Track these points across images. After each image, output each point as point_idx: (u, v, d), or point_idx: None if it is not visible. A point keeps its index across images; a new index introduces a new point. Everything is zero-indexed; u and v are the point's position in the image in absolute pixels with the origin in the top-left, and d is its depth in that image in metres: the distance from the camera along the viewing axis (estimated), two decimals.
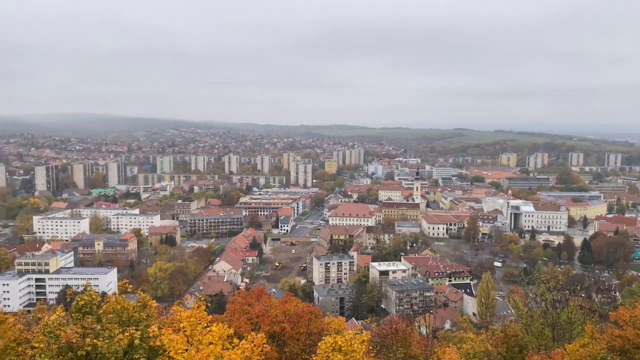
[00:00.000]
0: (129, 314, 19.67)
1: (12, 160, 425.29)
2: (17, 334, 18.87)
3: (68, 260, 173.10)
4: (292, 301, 36.79)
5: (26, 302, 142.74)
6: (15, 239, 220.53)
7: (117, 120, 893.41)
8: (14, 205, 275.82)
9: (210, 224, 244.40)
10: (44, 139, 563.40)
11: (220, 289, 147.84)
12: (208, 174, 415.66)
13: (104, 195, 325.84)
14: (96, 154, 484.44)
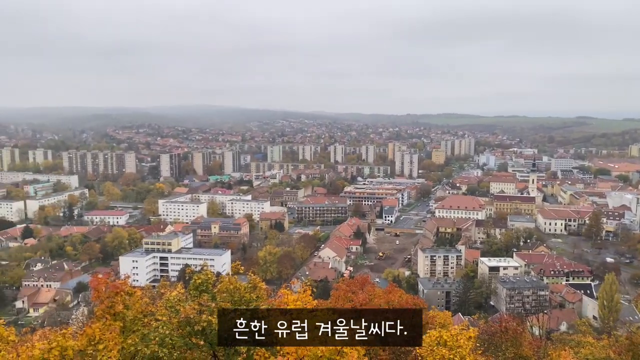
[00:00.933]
0: (240, 294, 20.82)
1: (141, 149, 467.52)
2: (143, 307, 20.78)
3: (188, 241, 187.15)
4: (396, 292, 36.55)
5: (152, 278, 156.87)
6: (144, 220, 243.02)
7: (233, 112, 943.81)
8: (142, 190, 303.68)
9: (316, 211, 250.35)
10: (168, 129, 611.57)
11: (325, 275, 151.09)
12: (315, 163, 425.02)
13: (220, 182, 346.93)
14: (213, 143, 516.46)
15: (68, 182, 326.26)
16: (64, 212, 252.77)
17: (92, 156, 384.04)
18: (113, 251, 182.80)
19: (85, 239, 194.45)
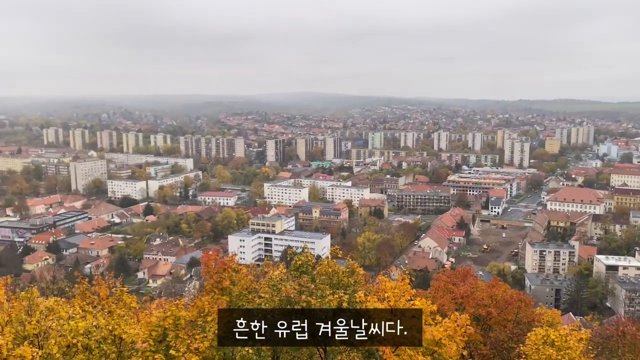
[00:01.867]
0: (338, 278, 21.15)
1: (249, 134, 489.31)
2: (248, 283, 21.90)
3: (290, 224, 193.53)
4: (500, 286, 34.99)
5: (256, 257, 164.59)
6: (250, 202, 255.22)
7: (335, 98, 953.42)
8: (250, 173, 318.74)
9: (417, 200, 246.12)
10: (274, 116, 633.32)
11: (425, 265, 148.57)
12: (417, 150, 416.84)
13: (321, 168, 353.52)
14: (316, 130, 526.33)
15: (184, 165, 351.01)
16: (180, 192, 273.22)
17: (205, 141, 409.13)
18: (222, 230, 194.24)
19: (198, 217, 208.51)
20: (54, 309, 19.57)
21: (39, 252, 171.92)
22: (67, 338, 18.11)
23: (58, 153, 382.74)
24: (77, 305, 20.74)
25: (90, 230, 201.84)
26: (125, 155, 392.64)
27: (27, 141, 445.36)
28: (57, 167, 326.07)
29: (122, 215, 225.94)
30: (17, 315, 19.08)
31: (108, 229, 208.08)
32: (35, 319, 18.79)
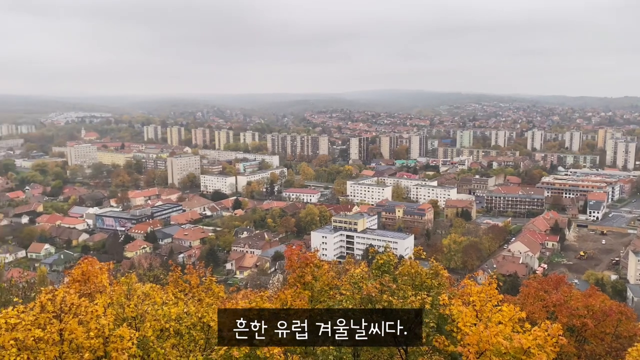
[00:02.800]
0: (421, 279, 20.74)
1: (333, 132, 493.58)
2: (330, 280, 22.10)
3: (372, 222, 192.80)
4: (598, 296, 32.58)
5: (338, 254, 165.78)
6: (333, 199, 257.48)
7: (422, 95, 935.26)
8: (333, 171, 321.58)
9: (507, 202, 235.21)
10: (358, 114, 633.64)
11: (515, 270, 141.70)
12: (508, 150, 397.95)
13: (405, 166, 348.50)
14: (401, 128, 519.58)
15: (270, 162, 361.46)
16: (266, 188, 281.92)
17: (291, 138, 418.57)
18: (306, 226, 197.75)
19: (283, 213, 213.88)
20: (150, 295, 20.97)
21: (138, 241, 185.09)
22: (161, 322, 19.32)
23: (157, 149, 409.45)
24: (171, 292, 22.07)
25: (184, 221, 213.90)
26: (217, 152, 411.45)
27: (130, 137, 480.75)
28: (156, 161, 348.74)
29: (212, 209, 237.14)
30: (117, 298, 20.68)
31: (200, 221, 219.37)
32: (133, 303, 20.24)
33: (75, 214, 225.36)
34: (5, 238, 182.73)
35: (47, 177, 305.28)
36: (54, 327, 16.76)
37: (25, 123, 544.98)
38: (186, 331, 19.66)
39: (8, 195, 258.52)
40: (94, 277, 22.47)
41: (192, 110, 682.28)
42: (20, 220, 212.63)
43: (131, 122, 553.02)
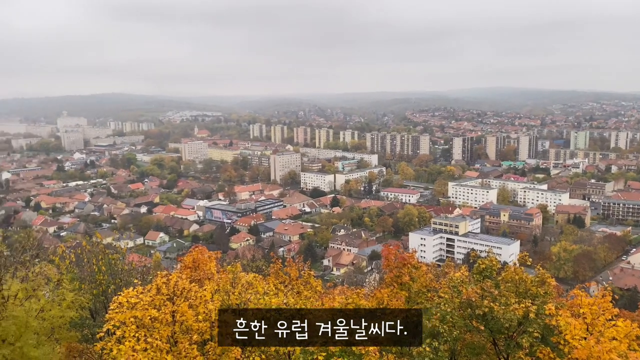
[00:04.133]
0: (526, 287, 19.72)
1: (435, 131, 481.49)
2: (427, 281, 21.77)
3: (475, 226, 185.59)
4: None
5: (437, 257, 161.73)
6: (433, 201, 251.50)
7: (533, 93, 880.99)
8: (434, 171, 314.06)
9: (628, 209, 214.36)
10: (463, 113, 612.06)
11: (635, 284, 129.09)
12: (631, 152, 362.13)
13: (513, 168, 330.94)
14: (509, 127, 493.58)
15: (369, 160, 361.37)
16: (364, 187, 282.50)
17: (390, 137, 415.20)
18: (404, 226, 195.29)
19: (380, 212, 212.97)
20: (253, 284, 22.07)
21: (242, 233, 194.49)
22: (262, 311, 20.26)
23: (261, 146, 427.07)
24: (272, 283, 23.05)
25: (284, 217, 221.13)
26: (317, 150, 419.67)
27: (237, 135, 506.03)
28: (260, 158, 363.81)
29: (311, 205, 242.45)
30: (223, 285, 22.01)
31: (299, 217, 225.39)
32: (237, 291, 21.44)
33: (188, 205, 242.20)
34: (127, 226, 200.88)
35: (164, 171, 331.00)
36: (168, 309, 18.26)
37: (146, 121, 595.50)
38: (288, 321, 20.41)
39: (130, 186, 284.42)
40: (203, 264, 24.12)
41: (295, 109, 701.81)
42: (140, 209, 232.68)
43: (239, 121, 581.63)
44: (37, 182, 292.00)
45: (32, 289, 21.85)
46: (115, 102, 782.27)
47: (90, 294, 27.61)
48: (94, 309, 28.99)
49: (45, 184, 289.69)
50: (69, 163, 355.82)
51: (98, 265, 28.55)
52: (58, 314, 22.08)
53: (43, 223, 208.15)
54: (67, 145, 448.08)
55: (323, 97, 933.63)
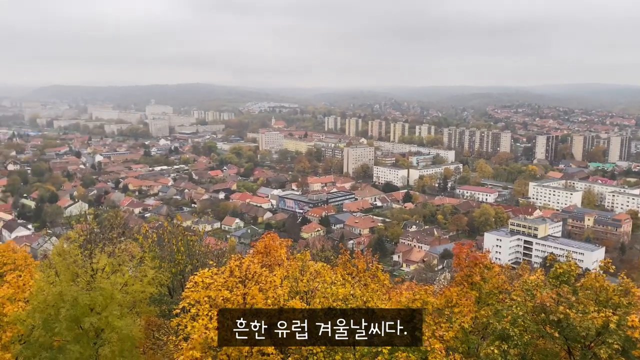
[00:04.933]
0: (607, 295, 18.58)
1: (517, 129, 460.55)
2: (500, 283, 21.08)
3: (556, 229, 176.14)
4: None
5: (513, 260, 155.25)
6: (512, 201, 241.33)
7: (627, 91, 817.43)
8: (514, 170, 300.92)
9: None
10: (548, 110, 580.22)
11: None
12: None
13: (601, 170, 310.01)
14: (598, 127, 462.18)
15: (445, 156, 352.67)
16: (438, 183, 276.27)
17: (469, 133, 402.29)
18: (479, 226, 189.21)
19: (455, 210, 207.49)
20: (321, 273, 22.44)
21: (313, 224, 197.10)
22: (329, 300, 20.57)
23: (335, 138, 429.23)
24: (339, 273, 23.32)
25: (355, 210, 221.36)
26: (391, 144, 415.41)
27: (312, 127, 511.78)
28: (334, 151, 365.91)
29: (383, 200, 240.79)
30: (293, 272, 22.57)
31: (370, 211, 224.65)
32: (305, 279, 21.90)
33: (262, 194, 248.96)
34: (206, 210, 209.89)
35: (242, 160, 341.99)
36: (239, 291, 19.04)
37: (227, 111, 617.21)
38: (351, 312, 20.62)
39: (209, 173, 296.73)
40: (274, 251, 24.85)
41: (371, 102, 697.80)
42: (218, 195, 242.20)
43: (314, 113, 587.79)
44: (126, 166, 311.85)
45: (118, 264, 23.55)
46: (199, 91, 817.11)
47: (169, 272, 29.31)
48: (172, 286, 30.73)
49: (133, 167, 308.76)
50: (155, 149, 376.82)
51: (177, 245, 30.21)
52: (140, 289, 23.65)
53: (130, 204, 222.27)
54: (154, 132, 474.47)
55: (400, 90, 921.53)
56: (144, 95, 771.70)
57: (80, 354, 21.29)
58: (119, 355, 22.07)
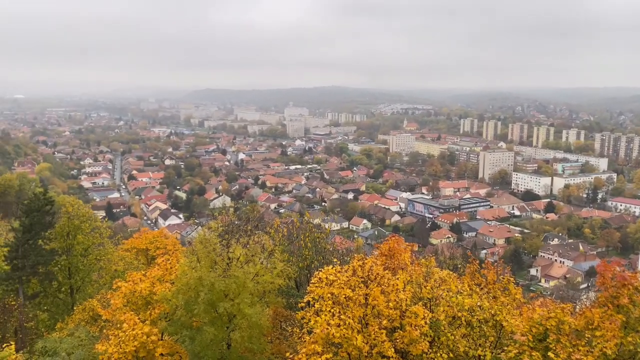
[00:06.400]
0: None
1: None
2: None
3: None
4: None
5: None
6: None
7: None
8: None
9: None
10: None
11: None
12: None
13: None
14: None
15: (596, 165, 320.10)
16: (587, 194, 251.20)
17: (626, 140, 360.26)
18: (634, 243, 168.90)
19: (606, 224, 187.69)
20: (446, 281, 21.68)
21: (443, 230, 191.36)
22: (454, 310, 19.81)
23: (471, 142, 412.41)
24: (466, 283, 22.31)
25: (490, 218, 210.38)
26: (533, 149, 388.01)
27: (446, 129, 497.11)
28: (469, 154, 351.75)
29: (522, 209, 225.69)
30: (416, 278, 22.12)
31: (507, 220, 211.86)
32: (430, 285, 21.32)
33: (391, 196, 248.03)
34: (335, 209, 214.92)
35: (371, 161, 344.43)
36: (361, 291, 19.16)
37: (359, 112, 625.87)
38: (477, 324, 19.65)
39: (340, 173, 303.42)
40: (398, 254, 24.57)
41: (512, 104, 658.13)
42: (347, 195, 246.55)
43: (449, 115, 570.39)
44: (264, 164, 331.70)
45: (251, 254, 25.09)
46: (334, 94, 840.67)
47: (297, 266, 30.52)
48: (299, 280, 31.97)
49: (271, 165, 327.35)
50: (291, 148, 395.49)
51: (305, 241, 31.34)
52: (269, 280, 24.96)
53: (267, 200, 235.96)
54: (291, 133, 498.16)
55: (545, 91, 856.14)
56: (284, 97, 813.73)
57: (214, 335, 23.08)
58: (248, 341, 23.49)
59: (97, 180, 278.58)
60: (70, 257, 39.76)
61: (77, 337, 27.45)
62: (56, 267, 39.14)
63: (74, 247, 39.85)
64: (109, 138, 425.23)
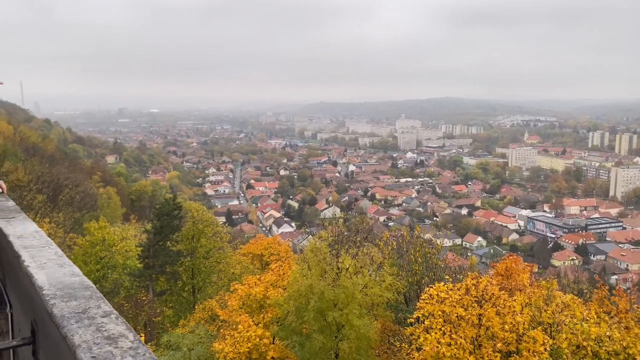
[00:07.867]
0: None
1: None
2: None
3: None
4: None
5: None
6: None
7: None
8: None
9: None
10: None
11: None
12: None
13: None
14: None
15: None
16: None
17: None
18: None
19: None
20: (570, 306, 20.02)
21: (567, 251, 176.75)
22: (578, 338, 18.23)
23: (601, 157, 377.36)
24: (593, 310, 20.43)
25: (622, 240, 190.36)
26: None
27: (572, 143, 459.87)
28: (598, 170, 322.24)
29: None
30: (536, 301, 20.70)
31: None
32: (551, 310, 19.83)
33: (509, 213, 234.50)
34: (447, 225, 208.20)
35: (488, 176, 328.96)
36: (475, 311, 18.37)
37: (476, 124, 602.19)
38: (605, 356, 17.89)
39: (453, 187, 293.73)
40: (516, 274, 23.22)
41: None
42: (461, 211, 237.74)
43: (576, 127, 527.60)
44: (374, 176, 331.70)
45: (360, 266, 25.23)
46: (448, 105, 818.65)
47: (406, 281, 30.07)
48: (408, 295, 31.44)
49: (381, 177, 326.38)
50: (402, 161, 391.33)
51: (415, 256, 30.80)
52: (378, 293, 24.89)
53: (376, 212, 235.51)
54: (402, 145, 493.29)
55: None
56: (395, 110, 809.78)
57: (323, 343, 23.50)
58: (356, 352, 23.57)
59: (219, 188, 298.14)
60: (193, 258, 43.01)
61: (197, 334, 29.51)
62: (181, 268, 42.55)
63: (197, 250, 43.06)
64: (230, 149, 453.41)
